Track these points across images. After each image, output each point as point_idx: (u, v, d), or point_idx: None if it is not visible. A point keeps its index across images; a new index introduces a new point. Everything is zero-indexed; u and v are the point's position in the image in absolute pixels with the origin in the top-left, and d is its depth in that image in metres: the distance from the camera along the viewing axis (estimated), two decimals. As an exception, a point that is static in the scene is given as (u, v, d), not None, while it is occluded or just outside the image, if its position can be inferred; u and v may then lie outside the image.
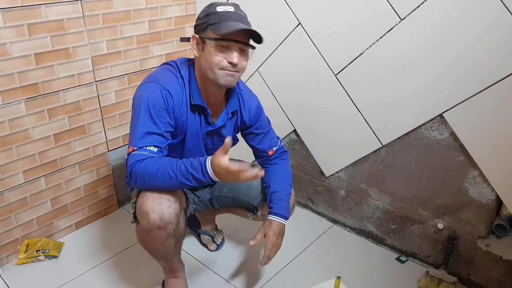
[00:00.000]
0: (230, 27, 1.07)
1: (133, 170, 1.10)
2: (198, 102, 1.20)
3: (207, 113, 1.24)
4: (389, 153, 1.50)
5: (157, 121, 1.13)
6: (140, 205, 1.14)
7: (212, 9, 1.12)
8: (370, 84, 1.45)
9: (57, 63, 1.48)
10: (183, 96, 1.19)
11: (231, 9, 1.12)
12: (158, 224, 1.12)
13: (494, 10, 1.12)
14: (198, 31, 1.15)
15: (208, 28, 1.12)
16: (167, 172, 1.08)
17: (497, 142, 1.24)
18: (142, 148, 1.11)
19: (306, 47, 1.56)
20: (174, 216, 1.14)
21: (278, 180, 1.35)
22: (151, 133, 1.12)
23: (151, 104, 1.13)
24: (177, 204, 1.16)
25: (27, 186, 1.54)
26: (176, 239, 1.22)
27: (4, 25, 1.33)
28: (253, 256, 1.61)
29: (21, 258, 1.55)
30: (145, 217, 1.13)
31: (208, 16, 1.12)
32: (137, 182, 1.12)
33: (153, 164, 1.09)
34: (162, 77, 1.17)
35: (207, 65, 1.14)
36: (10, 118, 1.43)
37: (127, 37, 1.66)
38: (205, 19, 1.12)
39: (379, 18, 1.34)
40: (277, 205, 1.30)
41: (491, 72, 1.18)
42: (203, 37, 1.13)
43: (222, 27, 1.08)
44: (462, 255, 1.44)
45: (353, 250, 1.65)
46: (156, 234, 1.14)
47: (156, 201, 1.12)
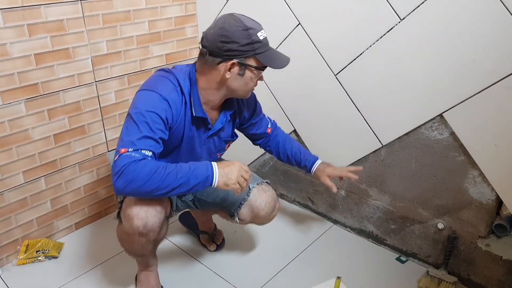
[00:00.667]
0: (281, 62, 1.17)
1: (127, 170, 1.03)
2: (200, 114, 1.20)
3: (207, 122, 1.24)
4: (389, 153, 1.50)
5: (153, 128, 1.11)
6: (126, 207, 1.15)
7: (254, 37, 1.11)
8: (370, 84, 1.45)
9: (57, 63, 1.48)
10: (181, 106, 1.18)
11: (265, 34, 1.14)
12: (140, 230, 1.14)
13: (493, 10, 1.12)
14: (237, 56, 1.12)
15: (252, 56, 1.13)
16: (166, 171, 1.06)
17: (497, 142, 1.24)
18: (137, 151, 1.06)
19: (306, 47, 1.56)
20: (157, 225, 1.16)
21: (289, 146, 1.49)
22: (148, 137, 1.09)
23: (149, 111, 1.10)
24: (162, 214, 1.18)
25: (27, 186, 1.54)
26: (155, 243, 1.26)
27: (4, 25, 1.33)
28: (253, 257, 1.61)
29: (21, 259, 1.55)
30: (129, 221, 1.14)
31: (253, 44, 1.11)
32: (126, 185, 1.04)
33: (151, 164, 1.06)
34: (161, 87, 1.15)
35: (245, 87, 1.19)
36: (10, 119, 1.43)
37: (127, 37, 1.66)
38: (249, 47, 1.11)
39: (379, 18, 1.34)
40: (307, 156, 1.47)
41: (491, 72, 1.18)
42: (246, 64, 1.13)
43: (275, 62, 1.16)
44: (462, 255, 1.44)
45: (353, 250, 1.65)
46: (137, 239, 1.17)
47: (143, 208, 1.13)
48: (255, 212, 1.36)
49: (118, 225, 1.25)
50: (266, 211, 1.36)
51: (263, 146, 1.53)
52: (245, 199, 1.35)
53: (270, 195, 1.38)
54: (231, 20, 1.12)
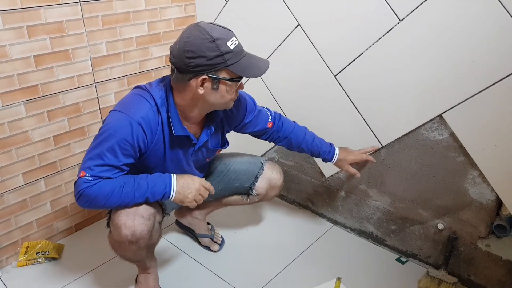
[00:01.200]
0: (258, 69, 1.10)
1: (85, 193, 1.07)
2: (180, 133, 1.16)
3: (190, 138, 1.21)
4: (388, 153, 1.50)
5: (119, 154, 1.09)
6: (113, 216, 1.16)
7: (224, 48, 1.04)
8: (369, 85, 1.45)
9: (56, 64, 1.48)
10: (158, 126, 1.15)
11: (236, 42, 1.07)
12: (129, 239, 1.14)
13: (493, 10, 1.12)
14: (207, 71, 1.06)
15: (224, 69, 1.06)
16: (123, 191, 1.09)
17: (496, 143, 1.24)
18: (94, 176, 1.08)
19: (306, 48, 1.56)
20: (146, 232, 1.16)
21: (301, 138, 1.47)
22: (109, 166, 1.09)
23: (117, 136, 1.08)
24: (150, 221, 1.17)
25: (27, 188, 1.54)
26: (148, 248, 1.26)
27: (4, 27, 1.33)
28: (253, 257, 1.61)
29: (21, 260, 1.55)
30: (117, 230, 1.14)
31: (223, 56, 1.04)
32: (89, 204, 1.09)
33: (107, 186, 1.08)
34: (135, 108, 1.11)
35: (221, 100, 1.13)
36: (9, 120, 1.43)
37: (127, 38, 1.66)
38: (219, 60, 1.04)
39: (378, 19, 1.34)
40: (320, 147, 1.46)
41: (490, 72, 1.18)
42: (218, 78, 1.07)
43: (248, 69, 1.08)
44: (462, 256, 1.44)
45: (353, 251, 1.65)
46: (127, 246, 1.17)
47: (130, 217, 1.13)
48: (272, 184, 1.49)
49: (109, 234, 1.24)
50: (282, 180, 1.51)
51: (271, 141, 1.50)
52: (260, 173, 1.48)
53: (279, 167, 1.54)
54: (195, 32, 1.04)
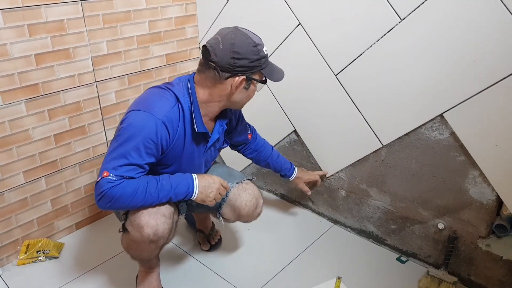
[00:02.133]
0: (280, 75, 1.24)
1: (108, 194, 1.06)
2: (202, 129, 1.20)
3: (208, 136, 1.25)
4: (389, 153, 1.50)
5: (143, 153, 1.09)
6: (134, 217, 1.14)
7: (261, 52, 1.15)
8: (370, 84, 1.45)
9: (57, 63, 1.48)
10: (180, 124, 1.17)
11: (266, 49, 1.18)
12: (151, 238, 1.15)
13: (494, 10, 1.12)
14: (245, 72, 1.14)
15: (258, 71, 1.17)
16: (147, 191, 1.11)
17: (497, 142, 1.24)
18: (118, 176, 1.08)
19: (306, 47, 1.56)
20: (167, 231, 1.18)
21: (268, 152, 1.60)
22: (132, 164, 1.09)
23: (142, 135, 1.09)
24: (171, 219, 1.19)
25: (28, 186, 1.54)
26: (160, 248, 1.27)
27: (5, 25, 1.33)
28: (254, 257, 1.61)
29: (21, 259, 1.55)
30: (138, 231, 1.14)
31: (260, 60, 1.15)
32: (110, 205, 1.09)
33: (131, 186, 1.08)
34: (158, 107, 1.12)
35: (246, 100, 1.24)
36: (10, 119, 1.43)
37: (127, 37, 1.66)
38: (257, 63, 1.14)
39: (379, 18, 1.34)
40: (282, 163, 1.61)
41: (491, 72, 1.18)
42: (252, 78, 1.18)
43: (275, 75, 1.22)
44: (463, 255, 1.44)
45: (353, 251, 1.65)
46: (146, 246, 1.17)
47: (152, 216, 1.13)
48: (237, 212, 1.37)
49: (124, 235, 1.23)
50: (247, 210, 1.37)
51: (242, 151, 1.58)
52: (224, 199, 1.37)
53: (250, 193, 1.38)
54: (240, 36, 1.12)
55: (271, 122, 1.80)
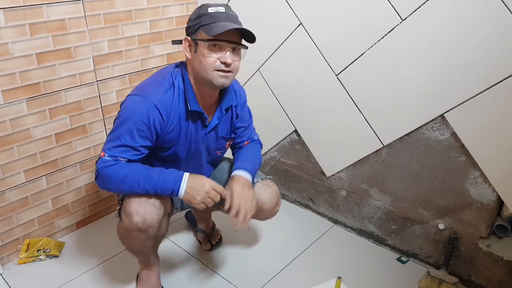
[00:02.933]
0: (221, 27, 1.08)
1: (101, 173, 1.13)
2: (195, 108, 1.20)
3: (203, 117, 1.24)
4: (390, 153, 1.50)
5: (136, 136, 1.13)
6: (125, 204, 1.18)
7: (203, 11, 1.12)
8: (371, 84, 1.45)
9: (58, 62, 1.48)
10: (175, 106, 1.18)
11: (222, 10, 1.13)
12: (139, 226, 1.16)
13: (495, 10, 1.12)
14: (190, 33, 1.15)
15: (200, 29, 1.12)
16: (134, 178, 1.13)
17: (498, 143, 1.24)
18: (112, 157, 1.13)
19: (307, 47, 1.56)
20: (156, 221, 1.18)
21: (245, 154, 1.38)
22: (125, 146, 1.14)
23: (134, 118, 1.13)
24: (161, 210, 1.19)
25: (28, 185, 1.54)
26: (155, 240, 1.27)
27: (6, 24, 1.33)
28: (254, 257, 1.61)
29: (22, 258, 1.55)
30: (128, 218, 1.17)
31: (200, 17, 1.12)
32: (104, 184, 1.16)
33: (122, 170, 1.13)
34: (151, 91, 1.16)
35: (200, 66, 1.14)
36: (11, 118, 1.43)
37: (129, 36, 1.66)
38: (197, 21, 1.12)
39: (380, 18, 1.34)
40: (241, 162, 1.33)
41: (492, 73, 1.18)
42: (195, 38, 1.13)
43: (214, 28, 1.09)
44: (463, 256, 1.44)
45: (354, 251, 1.65)
46: (136, 235, 1.18)
47: (142, 205, 1.15)
48: (259, 206, 1.35)
49: (118, 223, 1.26)
50: (270, 205, 1.37)
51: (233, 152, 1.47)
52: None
53: (274, 190, 1.39)
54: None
55: (272, 122, 1.80)
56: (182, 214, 1.82)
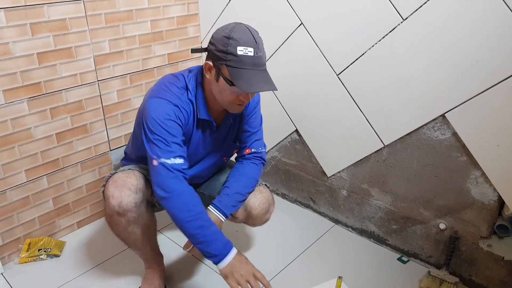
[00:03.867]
0: (248, 86, 1.05)
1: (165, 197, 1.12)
2: (204, 117, 1.21)
3: (212, 125, 1.25)
4: (391, 153, 1.50)
5: (173, 132, 1.14)
6: (105, 189, 1.21)
7: (232, 49, 1.05)
8: (372, 84, 1.45)
9: (59, 62, 1.49)
10: (190, 110, 1.20)
11: (251, 53, 1.05)
12: (117, 210, 1.18)
13: (496, 10, 1.12)
14: (213, 60, 1.09)
15: (225, 67, 1.07)
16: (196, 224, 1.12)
17: (499, 143, 1.24)
18: (169, 160, 1.11)
19: (308, 47, 1.56)
20: (133, 205, 1.19)
21: (236, 178, 1.33)
22: (172, 143, 1.13)
23: (163, 118, 1.13)
24: (138, 194, 1.20)
25: (29, 185, 1.55)
26: (141, 229, 1.26)
27: (7, 24, 1.33)
28: (255, 257, 1.61)
29: (23, 257, 1.56)
30: (106, 201, 1.20)
31: (227, 54, 1.05)
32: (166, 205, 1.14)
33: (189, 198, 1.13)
34: (169, 93, 1.16)
35: (218, 95, 1.15)
36: (12, 117, 1.43)
37: (129, 36, 1.66)
38: (223, 55, 1.06)
39: (381, 18, 1.34)
40: (220, 198, 1.28)
41: (493, 72, 1.18)
42: (219, 71, 1.09)
43: (241, 81, 1.05)
44: (464, 256, 1.44)
45: (354, 250, 1.65)
46: (116, 219, 1.21)
47: (117, 189, 1.18)
48: (248, 211, 1.34)
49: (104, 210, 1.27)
50: (259, 211, 1.35)
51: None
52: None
53: (265, 197, 1.36)
54: (226, 26, 1.10)
55: (273, 122, 1.80)
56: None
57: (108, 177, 1.24)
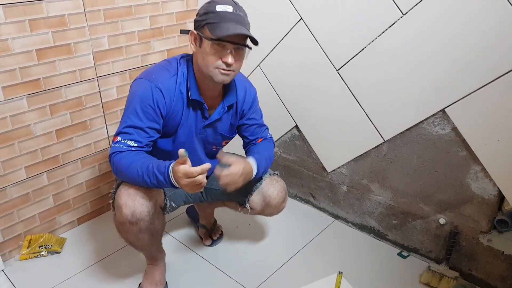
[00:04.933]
0: (225, 30, 1.08)
1: (111, 161, 1.18)
2: (195, 97, 1.22)
3: (203, 108, 1.25)
4: (391, 148, 1.50)
5: (142, 116, 1.16)
6: (116, 197, 1.20)
7: (211, 7, 1.12)
8: (371, 79, 1.44)
9: (58, 58, 1.48)
10: (178, 92, 1.20)
11: (230, 9, 1.11)
12: (129, 219, 1.17)
13: (496, 4, 1.12)
14: (197, 28, 1.16)
15: (206, 26, 1.12)
16: (136, 168, 1.13)
17: (499, 137, 1.24)
18: (121, 142, 1.16)
19: (308, 42, 1.55)
20: (146, 213, 1.18)
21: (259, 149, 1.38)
22: (133, 127, 1.17)
23: (139, 100, 1.16)
24: (151, 202, 1.19)
25: (29, 181, 1.55)
26: (151, 234, 1.26)
27: (6, 20, 1.32)
28: (255, 252, 1.62)
29: (23, 254, 1.56)
30: (118, 210, 1.19)
31: (207, 14, 1.12)
32: (114, 171, 1.19)
33: (128, 158, 1.15)
34: (155, 74, 1.19)
35: (203, 62, 1.16)
36: (12, 114, 1.43)
37: (129, 32, 1.66)
38: (204, 17, 1.12)
39: (381, 13, 1.34)
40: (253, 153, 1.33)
41: (493, 67, 1.18)
42: (200, 34, 1.14)
43: (219, 29, 1.09)
44: (464, 250, 1.44)
45: (354, 246, 1.65)
46: (128, 227, 1.20)
47: (130, 197, 1.17)
48: (267, 201, 1.37)
49: (114, 216, 1.26)
50: (278, 200, 1.38)
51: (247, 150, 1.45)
52: (257, 186, 1.37)
53: (282, 185, 1.40)
54: None
55: (273, 118, 1.80)
56: (183, 209, 1.82)
57: (118, 185, 1.23)
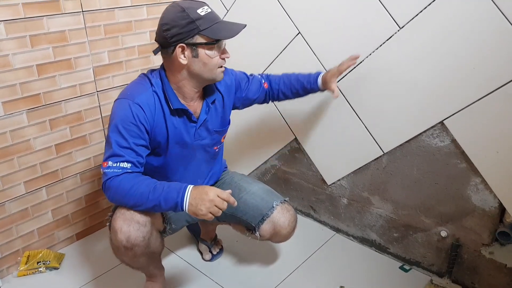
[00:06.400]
0: (227, 29, 1.13)
1: (106, 187, 1.12)
2: (178, 106, 1.20)
3: (189, 114, 1.23)
4: (390, 160, 1.50)
5: (126, 136, 1.13)
6: (112, 221, 1.17)
7: (192, 15, 1.10)
8: (370, 92, 1.45)
9: (59, 73, 1.49)
10: (158, 106, 1.19)
11: (209, 9, 1.14)
12: (124, 244, 1.14)
13: (492, 17, 1.13)
14: (182, 40, 1.12)
15: (198, 34, 1.12)
16: (139, 191, 1.10)
17: (498, 149, 1.24)
18: (114, 166, 1.12)
19: (306, 56, 1.56)
20: (141, 239, 1.15)
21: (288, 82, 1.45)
22: (120, 147, 1.13)
23: (119, 120, 1.14)
24: (147, 227, 1.16)
25: (28, 196, 1.54)
26: (148, 257, 1.24)
27: (7, 36, 1.34)
28: (256, 266, 1.60)
29: (21, 270, 1.54)
30: (114, 235, 1.16)
31: (193, 22, 1.10)
32: (111, 197, 1.14)
33: (128, 181, 1.11)
34: (131, 91, 1.19)
35: (205, 68, 1.16)
36: (11, 129, 1.43)
37: (129, 47, 1.67)
38: (192, 26, 1.11)
39: (378, 26, 1.35)
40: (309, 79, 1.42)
41: (491, 79, 1.18)
42: (194, 43, 1.12)
43: (218, 30, 1.12)
44: (466, 263, 1.43)
45: (356, 259, 1.64)
46: (123, 252, 1.17)
47: (126, 222, 1.14)
48: (277, 230, 1.34)
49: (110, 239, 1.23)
50: (288, 230, 1.36)
51: (272, 100, 1.51)
52: (268, 215, 1.34)
53: (293, 215, 1.37)
54: (169, 8, 1.14)
55: (272, 130, 1.81)
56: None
57: (115, 208, 1.20)
